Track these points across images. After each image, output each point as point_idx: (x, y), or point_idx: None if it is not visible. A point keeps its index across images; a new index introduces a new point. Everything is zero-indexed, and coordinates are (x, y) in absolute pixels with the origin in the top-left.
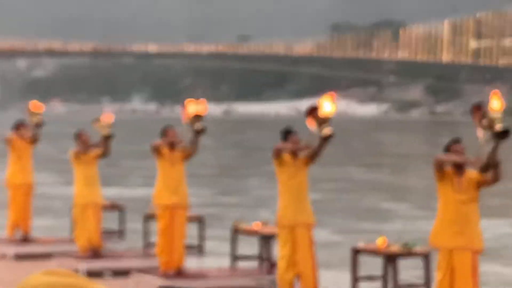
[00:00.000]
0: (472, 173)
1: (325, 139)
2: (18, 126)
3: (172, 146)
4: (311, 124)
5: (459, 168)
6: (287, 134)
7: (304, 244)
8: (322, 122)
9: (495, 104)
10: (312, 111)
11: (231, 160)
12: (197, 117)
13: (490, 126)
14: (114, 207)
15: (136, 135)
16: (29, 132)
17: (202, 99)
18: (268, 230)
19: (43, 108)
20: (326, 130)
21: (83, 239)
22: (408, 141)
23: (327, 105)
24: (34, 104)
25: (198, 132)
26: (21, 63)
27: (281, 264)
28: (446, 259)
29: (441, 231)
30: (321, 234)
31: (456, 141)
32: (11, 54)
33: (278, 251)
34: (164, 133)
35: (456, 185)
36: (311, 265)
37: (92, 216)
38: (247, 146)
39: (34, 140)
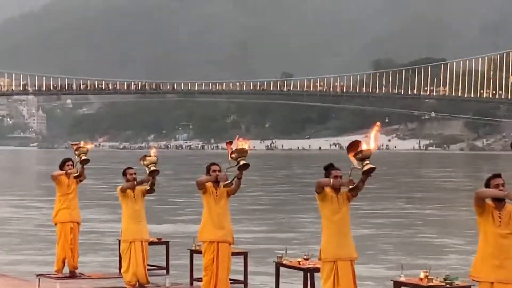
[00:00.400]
0: None
1: (367, 173)
2: (64, 163)
3: (216, 181)
4: (353, 159)
5: (499, 201)
6: (328, 169)
7: (347, 278)
8: (364, 157)
9: None
10: (354, 146)
11: (281, 195)
12: (242, 153)
13: None
14: (160, 242)
15: (183, 171)
16: (74, 169)
17: (245, 136)
18: (311, 264)
19: (89, 146)
20: (368, 165)
21: (130, 275)
22: (452, 175)
23: (371, 141)
24: (80, 143)
25: (242, 168)
26: (69, 101)
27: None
28: None
29: (481, 264)
30: (375, 270)
31: (496, 175)
32: (59, 92)
33: (321, 285)
34: (208, 169)
35: (497, 219)
36: None
37: (138, 251)
38: (295, 181)
39: (79, 176)
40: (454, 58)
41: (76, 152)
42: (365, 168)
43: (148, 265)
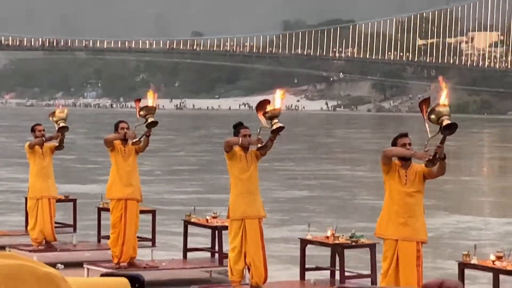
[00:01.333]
0: (418, 166)
1: (276, 132)
2: None
3: (125, 139)
4: (262, 118)
5: (405, 161)
6: (237, 127)
7: (255, 236)
8: (273, 116)
9: (443, 98)
10: (263, 106)
11: (205, 155)
12: (150, 110)
13: (437, 120)
14: (68, 200)
15: (96, 130)
16: None
17: (153, 94)
18: (219, 222)
19: None
20: (277, 124)
21: (36, 232)
22: (368, 136)
23: (277, 100)
24: None
25: (151, 125)
26: None
27: (231, 255)
28: (392, 250)
29: (387, 223)
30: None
31: (403, 135)
32: None
33: (229, 242)
34: (116, 127)
35: (403, 177)
36: (261, 256)
37: (46, 209)
38: (214, 141)
39: None
40: (363, 19)
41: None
42: (274, 127)
43: (55, 222)
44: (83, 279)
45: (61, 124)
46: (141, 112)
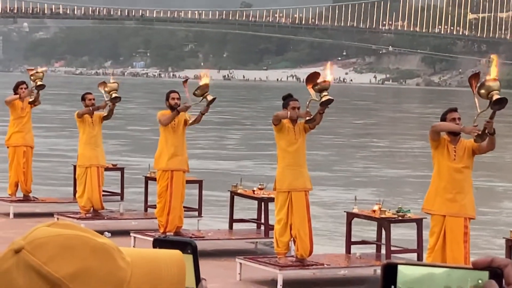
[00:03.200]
0: (467, 141)
1: (325, 105)
2: (18, 86)
3: (175, 111)
4: (311, 91)
5: (454, 136)
6: (287, 99)
7: (301, 208)
8: (322, 89)
9: (493, 73)
10: (313, 78)
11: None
12: (205, 88)
13: (487, 95)
14: (116, 169)
15: (157, 100)
16: (27, 91)
17: (202, 66)
18: (265, 193)
19: (43, 69)
20: (326, 96)
21: (84, 200)
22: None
23: (328, 73)
24: (35, 68)
25: (210, 102)
26: (25, 25)
27: (277, 227)
28: (439, 225)
29: (434, 198)
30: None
31: (453, 109)
32: (15, 15)
33: (275, 214)
34: (168, 97)
35: (452, 153)
36: (307, 229)
37: (94, 177)
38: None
39: (34, 102)
40: None
41: (32, 77)
42: (323, 99)
43: (103, 191)
44: (136, 250)
45: (114, 95)
46: (197, 91)
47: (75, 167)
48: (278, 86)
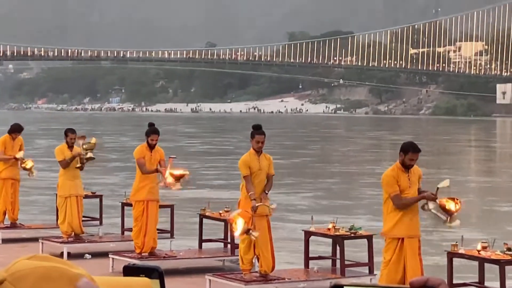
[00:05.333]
0: (416, 168)
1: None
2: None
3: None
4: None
5: (407, 167)
6: (253, 131)
7: (263, 230)
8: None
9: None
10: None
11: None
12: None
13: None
14: (95, 196)
15: (116, 131)
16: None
17: (172, 99)
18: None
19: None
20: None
21: (65, 226)
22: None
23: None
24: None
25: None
26: (10, 66)
27: (242, 246)
28: (395, 243)
29: (395, 223)
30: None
31: (416, 150)
32: (1, 58)
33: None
34: (148, 135)
35: (407, 181)
36: (269, 247)
37: (74, 205)
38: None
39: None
40: (361, 31)
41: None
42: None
43: (84, 216)
44: (109, 278)
45: (89, 155)
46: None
47: (56, 195)
48: (242, 116)
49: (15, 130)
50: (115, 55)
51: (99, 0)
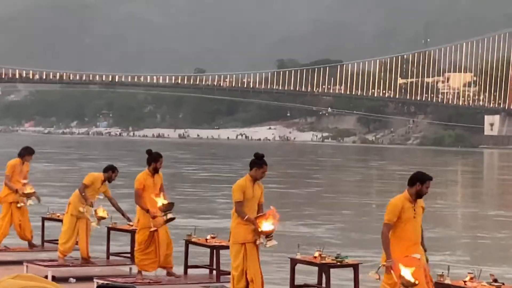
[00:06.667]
0: (421, 201)
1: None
2: (25, 154)
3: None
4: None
5: (415, 198)
6: (259, 161)
7: (255, 256)
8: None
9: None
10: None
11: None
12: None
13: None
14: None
15: (111, 156)
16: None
17: (160, 125)
18: (217, 242)
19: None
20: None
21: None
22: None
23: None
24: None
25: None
26: None
27: (235, 274)
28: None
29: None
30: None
31: (430, 178)
32: None
33: (232, 262)
34: (156, 159)
35: (411, 211)
36: (259, 274)
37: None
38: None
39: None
40: (350, 60)
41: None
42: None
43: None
44: None
45: (169, 216)
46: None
47: (43, 219)
48: (232, 143)
49: (27, 153)
50: (104, 79)
51: (90, 22)
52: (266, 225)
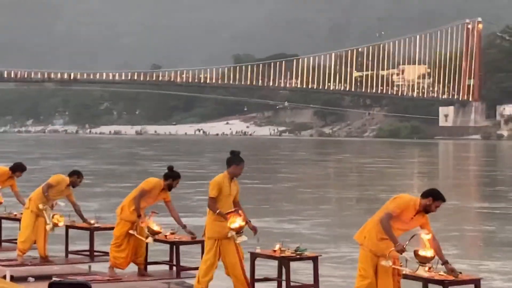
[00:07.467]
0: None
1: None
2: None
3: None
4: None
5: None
6: (233, 160)
7: (233, 251)
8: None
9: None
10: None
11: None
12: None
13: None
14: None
15: (75, 153)
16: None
17: (117, 122)
18: (176, 238)
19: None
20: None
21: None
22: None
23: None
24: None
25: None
26: None
27: (203, 267)
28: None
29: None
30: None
31: (443, 199)
32: None
33: (204, 255)
34: (176, 178)
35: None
36: (240, 269)
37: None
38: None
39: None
40: (305, 54)
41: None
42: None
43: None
44: None
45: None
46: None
47: (0, 218)
48: (188, 139)
49: (20, 169)
50: (59, 76)
51: (43, 20)
52: (235, 222)
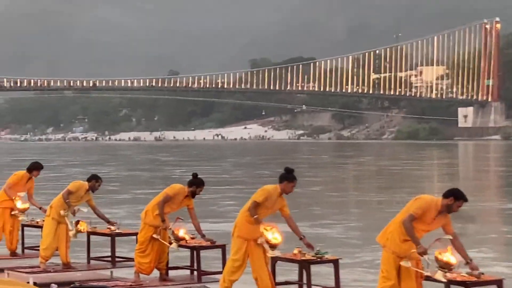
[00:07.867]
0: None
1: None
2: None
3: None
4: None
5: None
6: (289, 176)
7: (260, 254)
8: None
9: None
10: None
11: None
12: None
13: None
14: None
15: (96, 161)
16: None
17: (136, 128)
18: (197, 242)
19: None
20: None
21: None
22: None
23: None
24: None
25: None
26: None
27: (230, 265)
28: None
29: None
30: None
31: (465, 199)
32: None
33: (232, 255)
34: (200, 185)
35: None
36: (266, 271)
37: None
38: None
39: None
40: (322, 57)
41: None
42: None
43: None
44: None
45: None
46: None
47: (23, 226)
48: (207, 144)
49: (36, 168)
50: (78, 84)
51: (62, 29)
52: (275, 236)
